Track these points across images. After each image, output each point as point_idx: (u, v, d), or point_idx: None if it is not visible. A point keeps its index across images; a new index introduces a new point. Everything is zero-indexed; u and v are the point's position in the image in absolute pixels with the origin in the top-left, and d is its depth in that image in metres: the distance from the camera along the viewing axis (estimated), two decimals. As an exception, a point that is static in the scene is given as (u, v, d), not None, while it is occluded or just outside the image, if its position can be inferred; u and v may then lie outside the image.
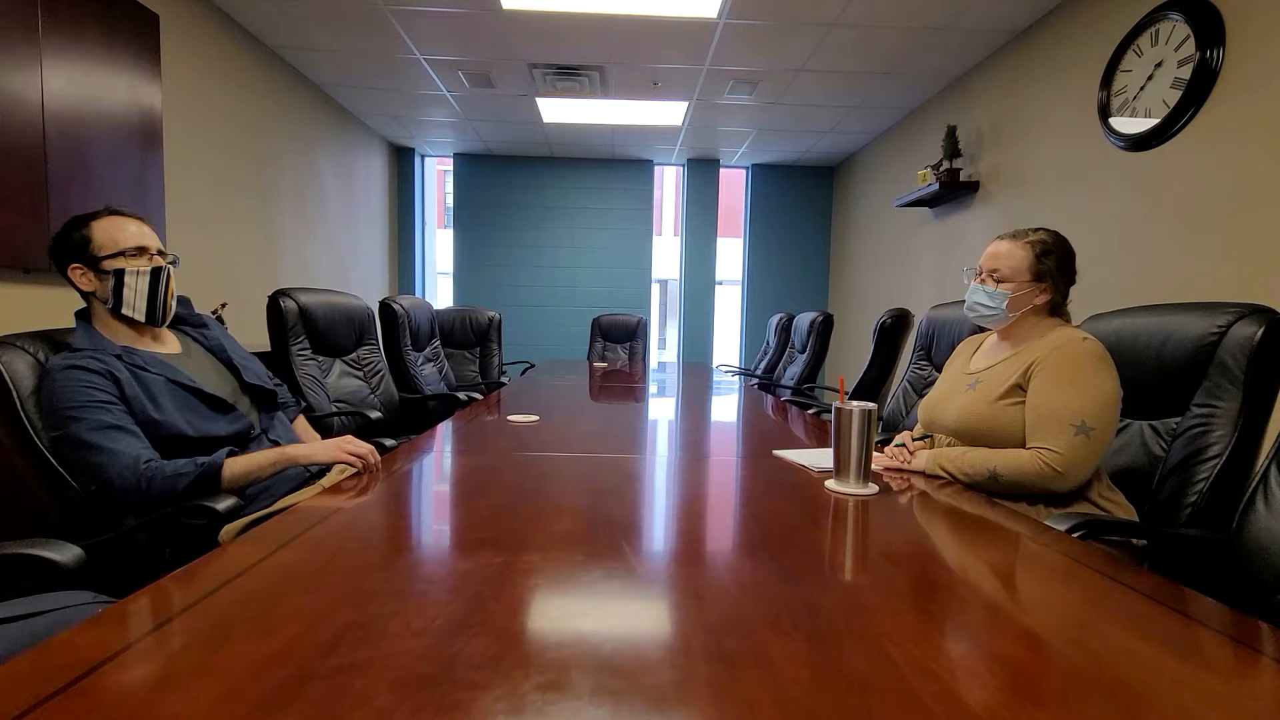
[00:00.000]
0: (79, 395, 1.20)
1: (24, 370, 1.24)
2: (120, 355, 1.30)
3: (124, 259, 1.33)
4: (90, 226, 1.32)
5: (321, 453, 1.31)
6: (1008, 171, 3.60)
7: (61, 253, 1.32)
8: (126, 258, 1.33)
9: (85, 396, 1.21)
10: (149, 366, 1.33)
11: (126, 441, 1.21)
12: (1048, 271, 1.40)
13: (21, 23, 2.23)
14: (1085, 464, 1.26)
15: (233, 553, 0.83)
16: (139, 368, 1.31)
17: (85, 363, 1.24)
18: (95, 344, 1.30)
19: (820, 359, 4.05)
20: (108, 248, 1.32)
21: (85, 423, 1.19)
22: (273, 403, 1.57)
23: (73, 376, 1.22)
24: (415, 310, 3.33)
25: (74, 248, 1.31)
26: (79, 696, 0.51)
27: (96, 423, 1.20)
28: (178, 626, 0.63)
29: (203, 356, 1.50)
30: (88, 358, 1.25)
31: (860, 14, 3.26)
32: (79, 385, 1.21)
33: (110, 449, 1.19)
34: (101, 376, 1.24)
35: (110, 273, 1.31)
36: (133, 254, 1.34)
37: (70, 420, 1.19)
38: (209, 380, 1.43)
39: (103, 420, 1.20)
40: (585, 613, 0.70)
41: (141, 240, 1.36)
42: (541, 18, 3.38)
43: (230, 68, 3.53)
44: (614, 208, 6.29)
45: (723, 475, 1.39)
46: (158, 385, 1.32)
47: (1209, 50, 2.34)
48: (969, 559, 0.92)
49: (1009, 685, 0.56)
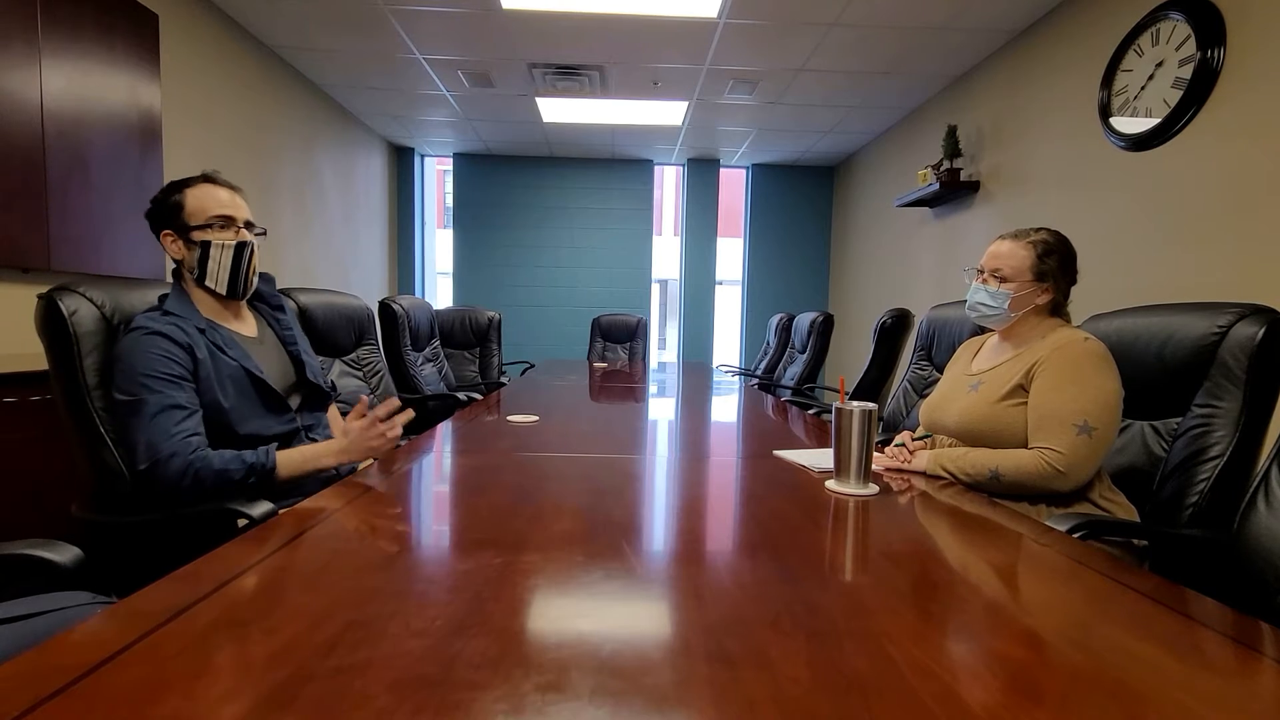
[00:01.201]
0: (158, 364, 1.19)
1: (89, 325, 1.21)
2: (204, 330, 1.30)
3: (211, 231, 1.33)
4: (184, 193, 1.34)
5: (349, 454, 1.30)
6: (1008, 171, 3.60)
7: (156, 217, 1.34)
8: (214, 230, 1.33)
9: (163, 367, 1.20)
10: (227, 348, 1.33)
11: (185, 424, 1.20)
12: (1049, 271, 1.40)
13: (21, 23, 2.23)
14: (1087, 464, 1.26)
15: (233, 553, 0.83)
16: (218, 348, 1.31)
17: (171, 331, 1.23)
18: (185, 312, 1.30)
19: (820, 359, 4.05)
20: (197, 217, 1.33)
21: (158, 395, 1.18)
22: (324, 403, 1.57)
23: (157, 344, 1.21)
24: (415, 310, 3.33)
25: (168, 213, 1.33)
26: (79, 696, 0.51)
27: (167, 400, 1.19)
28: (177, 627, 0.63)
29: (274, 345, 1.50)
30: (174, 325, 1.24)
31: (860, 14, 3.26)
32: (160, 354, 1.20)
33: (169, 431, 1.18)
34: (182, 349, 1.23)
35: (197, 244, 1.32)
36: (220, 225, 1.34)
37: (143, 389, 1.18)
38: (274, 373, 1.42)
39: (174, 398, 1.20)
40: (585, 613, 0.70)
41: (230, 210, 1.36)
42: (541, 17, 3.38)
43: (230, 67, 3.53)
44: (614, 208, 6.29)
45: (723, 475, 1.39)
46: (229, 370, 1.32)
47: (1210, 50, 2.34)
48: (969, 559, 0.92)
49: (1009, 685, 0.56)
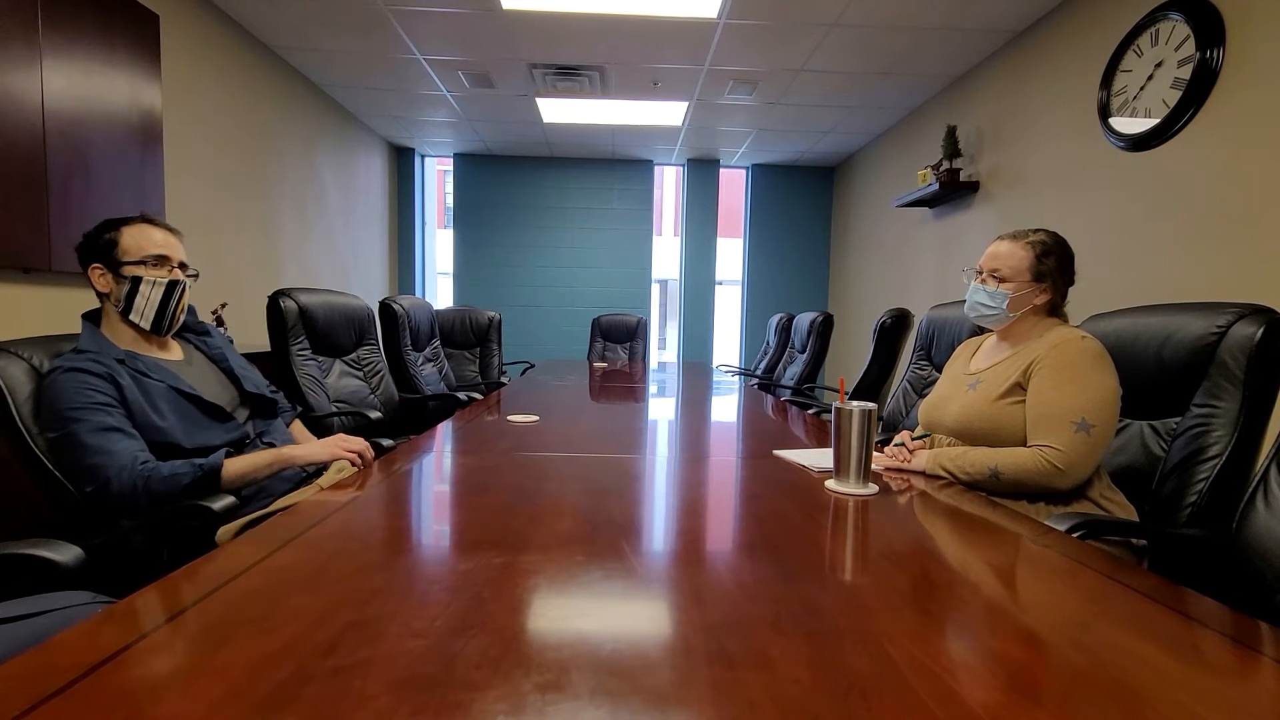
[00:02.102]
0: (79, 397, 1.21)
1: (20, 377, 1.24)
2: (123, 360, 1.31)
3: (145, 268, 1.35)
4: (121, 231, 1.36)
5: (318, 451, 1.32)
6: (1008, 171, 3.60)
7: (87, 251, 1.35)
8: (147, 267, 1.36)
9: (85, 399, 1.21)
10: (151, 373, 1.34)
11: (124, 443, 1.22)
12: (1048, 272, 1.40)
13: (21, 23, 2.23)
14: (1086, 461, 1.26)
15: (232, 553, 0.83)
16: (141, 374, 1.32)
17: (87, 365, 1.25)
18: (99, 347, 1.31)
19: (820, 359, 4.05)
20: (132, 254, 1.35)
21: (85, 424, 1.20)
22: (272, 410, 1.58)
23: (74, 379, 1.22)
24: (415, 310, 3.33)
25: (100, 248, 1.34)
26: (79, 696, 0.51)
27: (96, 424, 1.20)
28: (177, 627, 0.63)
29: (204, 364, 1.51)
30: (89, 360, 1.26)
31: (860, 14, 3.26)
32: (80, 387, 1.22)
33: (109, 450, 1.19)
34: (102, 379, 1.25)
35: (128, 278, 1.34)
36: (154, 264, 1.36)
37: (70, 421, 1.19)
38: (209, 389, 1.44)
39: (103, 422, 1.21)
40: (585, 613, 0.70)
41: (166, 250, 1.39)
42: (541, 18, 3.38)
43: (230, 68, 3.53)
44: (614, 208, 6.29)
45: (723, 475, 1.39)
46: (159, 391, 1.32)
47: (1209, 50, 2.34)
48: (969, 559, 0.92)
49: (1009, 685, 0.56)
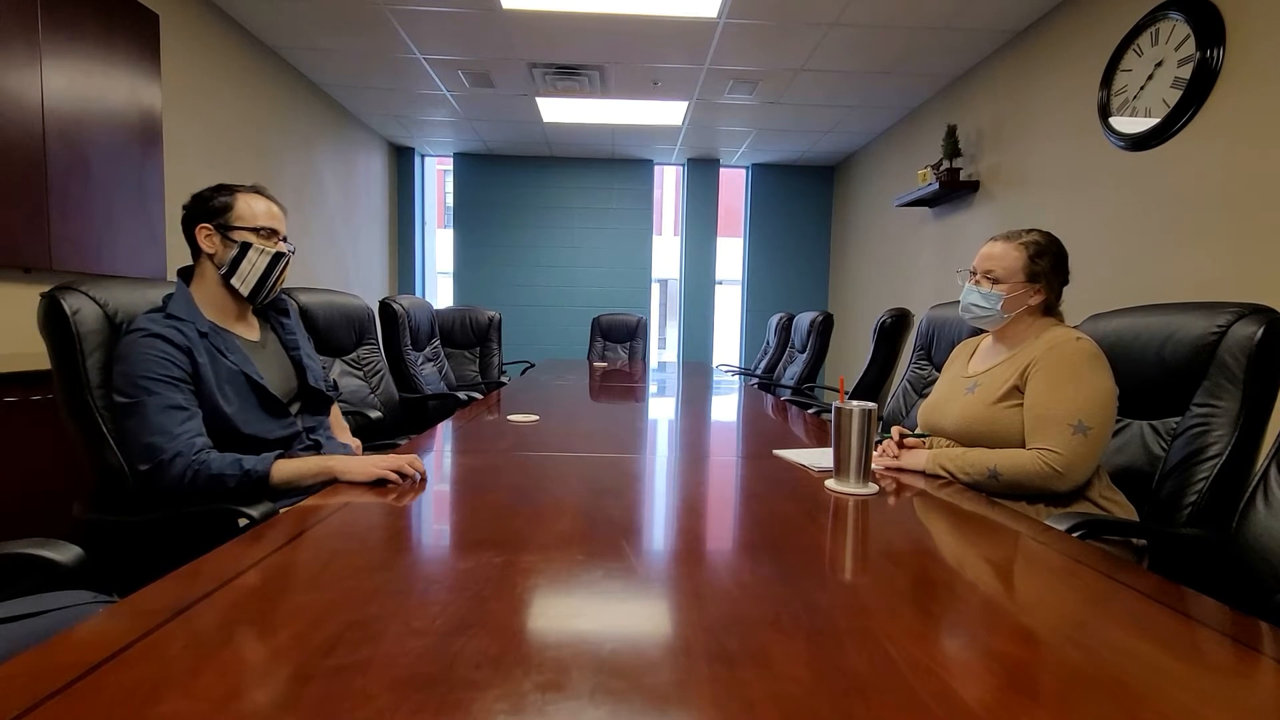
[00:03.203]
0: (157, 367, 1.20)
1: (92, 323, 1.22)
2: (206, 334, 1.31)
3: (255, 235, 1.37)
4: (236, 195, 1.38)
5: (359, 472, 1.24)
6: (1008, 171, 3.60)
7: (197, 212, 1.36)
8: (257, 235, 1.37)
9: (163, 369, 1.20)
10: (228, 352, 1.34)
11: (187, 425, 1.21)
12: (1041, 272, 1.40)
13: (21, 23, 2.23)
14: (1085, 463, 1.26)
15: (233, 552, 0.83)
16: (219, 352, 1.32)
17: (171, 334, 1.24)
18: (189, 314, 1.30)
19: (820, 359, 4.05)
20: (245, 219, 1.37)
21: (157, 398, 1.19)
22: (325, 407, 1.57)
23: (156, 346, 1.21)
24: (415, 310, 3.33)
25: (214, 210, 1.35)
26: (80, 696, 0.51)
27: (166, 400, 1.20)
28: (178, 626, 0.63)
29: (276, 349, 1.51)
30: (174, 328, 1.25)
31: (860, 14, 3.26)
32: (160, 357, 1.21)
33: (170, 431, 1.18)
34: (181, 352, 1.24)
35: (237, 243, 1.35)
36: (264, 234, 1.38)
37: (144, 391, 1.19)
38: (275, 377, 1.43)
39: (172, 399, 1.20)
40: (585, 612, 0.70)
41: (274, 223, 1.40)
42: (541, 17, 3.38)
43: (230, 67, 3.53)
44: (614, 207, 6.29)
45: (723, 475, 1.39)
46: (230, 374, 1.32)
47: (1209, 50, 2.34)
48: (969, 558, 0.92)
49: (1008, 684, 0.56)
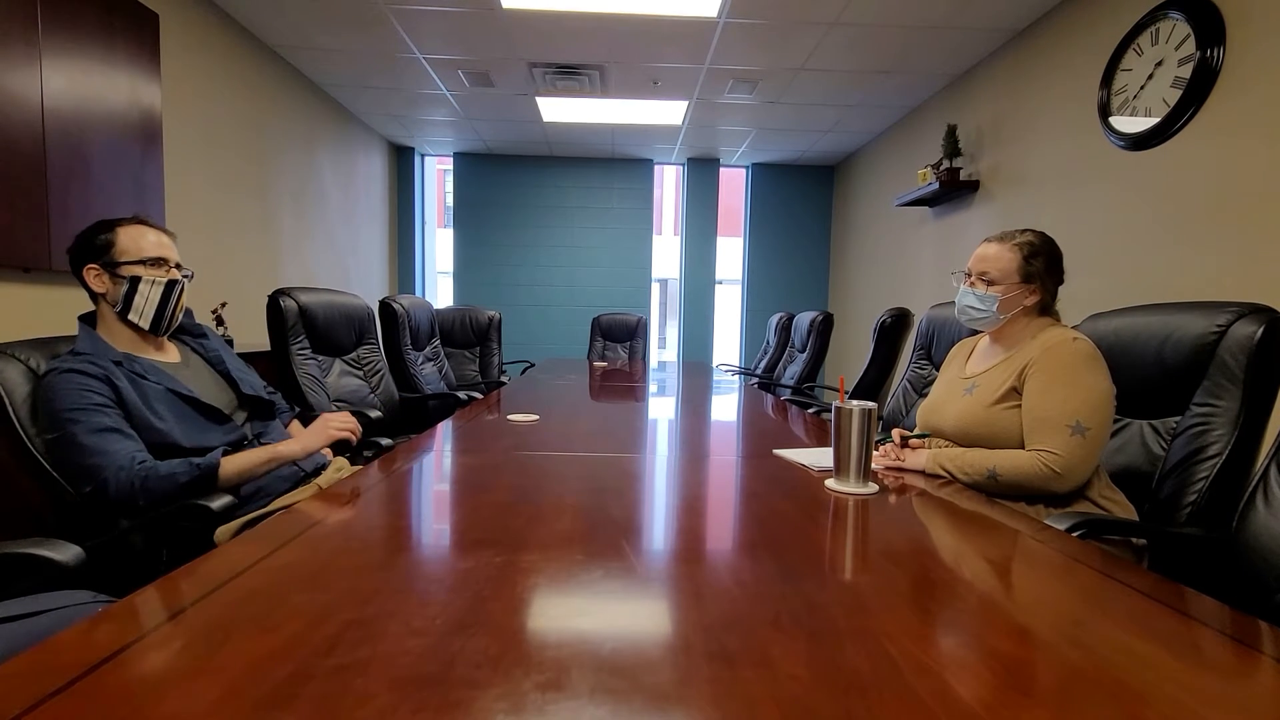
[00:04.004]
0: (77, 398, 1.21)
1: (17, 379, 1.25)
2: (120, 362, 1.31)
3: (142, 267, 1.36)
4: (116, 231, 1.36)
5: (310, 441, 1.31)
6: (1008, 170, 3.60)
7: (82, 252, 1.35)
8: (145, 266, 1.36)
9: (83, 399, 1.21)
10: (148, 375, 1.34)
11: (122, 444, 1.22)
12: (1036, 273, 1.40)
13: (21, 23, 2.23)
14: (1084, 464, 1.26)
15: (232, 552, 0.83)
16: (138, 375, 1.32)
17: (84, 367, 1.25)
18: (96, 349, 1.31)
19: (820, 358, 4.05)
20: (129, 254, 1.35)
21: (82, 425, 1.20)
22: (269, 412, 1.58)
23: (71, 380, 1.22)
24: (415, 310, 3.33)
25: (96, 249, 1.34)
26: (79, 696, 0.51)
27: (93, 425, 1.20)
28: (177, 626, 0.63)
29: (201, 367, 1.51)
30: (86, 362, 1.26)
31: (860, 13, 3.26)
32: (77, 388, 1.22)
33: (106, 450, 1.19)
34: (99, 381, 1.25)
35: (126, 278, 1.34)
36: (152, 264, 1.37)
37: (68, 422, 1.19)
38: (207, 391, 1.44)
39: (100, 423, 1.21)
40: (585, 612, 0.70)
41: (162, 251, 1.39)
42: (541, 17, 3.37)
43: (230, 67, 3.53)
44: (614, 207, 6.29)
45: (723, 475, 1.39)
46: (156, 394, 1.33)
47: (1209, 49, 2.34)
48: (968, 558, 0.92)
49: (1008, 683, 0.56)
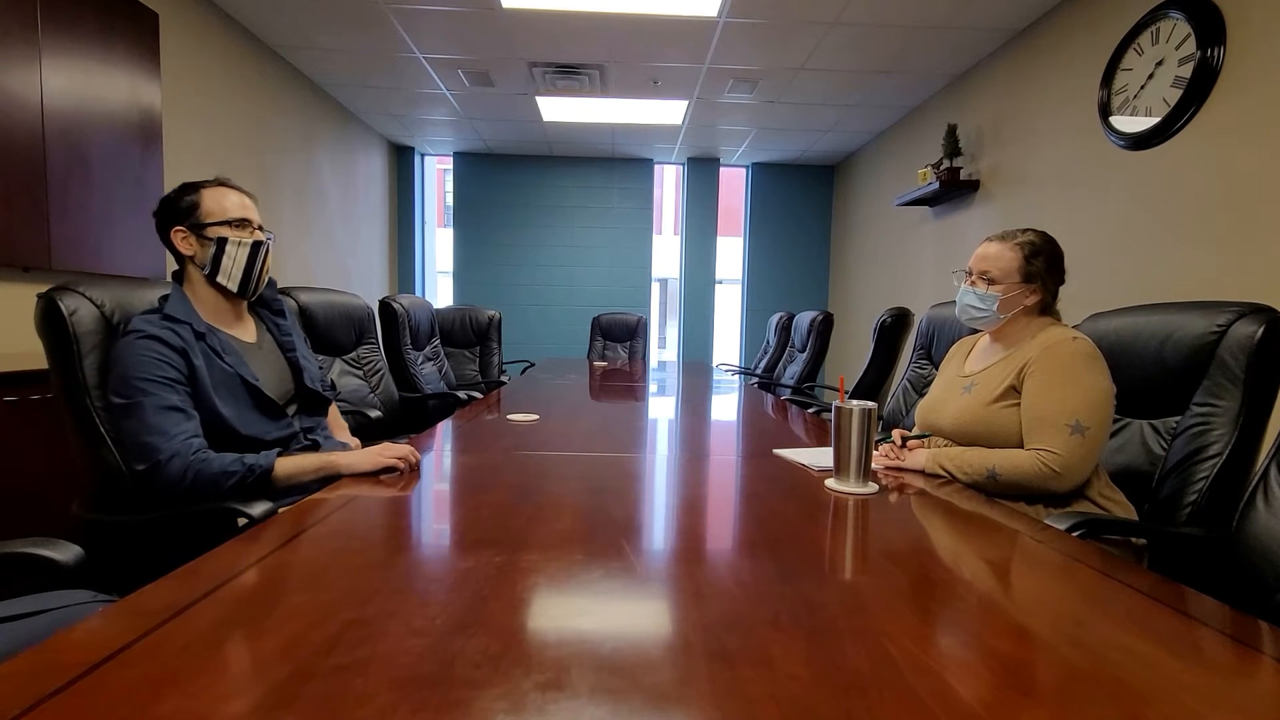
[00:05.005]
0: (153, 369, 1.20)
1: (88, 323, 1.22)
2: (203, 335, 1.30)
3: (229, 228, 1.35)
4: (201, 193, 1.35)
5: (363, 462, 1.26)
6: (1008, 170, 3.60)
7: (168, 215, 1.34)
8: (231, 227, 1.35)
9: (159, 371, 1.20)
10: (224, 354, 1.33)
11: (183, 426, 1.21)
12: (1037, 272, 1.40)
13: (21, 22, 2.23)
14: (1083, 464, 1.26)
15: (233, 552, 0.83)
16: (215, 354, 1.31)
17: (167, 336, 1.23)
18: (187, 315, 1.30)
19: (820, 358, 4.05)
20: (215, 215, 1.34)
21: (154, 398, 1.19)
22: (323, 407, 1.57)
23: (152, 348, 1.21)
24: (415, 309, 3.33)
25: (182, 211, 1.34)
26: (79, 695, 0.51)
27: (163, 401, 1.19)
28: (177, 626, 0.63)
29: (273, 350, 1.50)
30: (170, 330, 1.25)
31: (860, 13, 3.26)
32: (155, 358, 1.21)
33: (167, 431, 1.18)
34: (178, 354, 1.23)
35: (213, 240, 1.33)
36: (237, 225, 1.36)
37: (139, 392, 1.18)
38: (271, 379, 1.43)
39: (169, 400, 1.20)
40: (585, 612, 0.70)
41: (246, 212, 1.38)
42: (541, 16, 3.37)
43: (230, 66, 3.52)
44: (614, 206, 6.29)
45: (723, 474, 1.39)
46: (225, 377, 1.32)
47: (1210, 49, 2.34)
48: (968, 557, 0.92)
49: (1008, 683, 0.56)
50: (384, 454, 1.26)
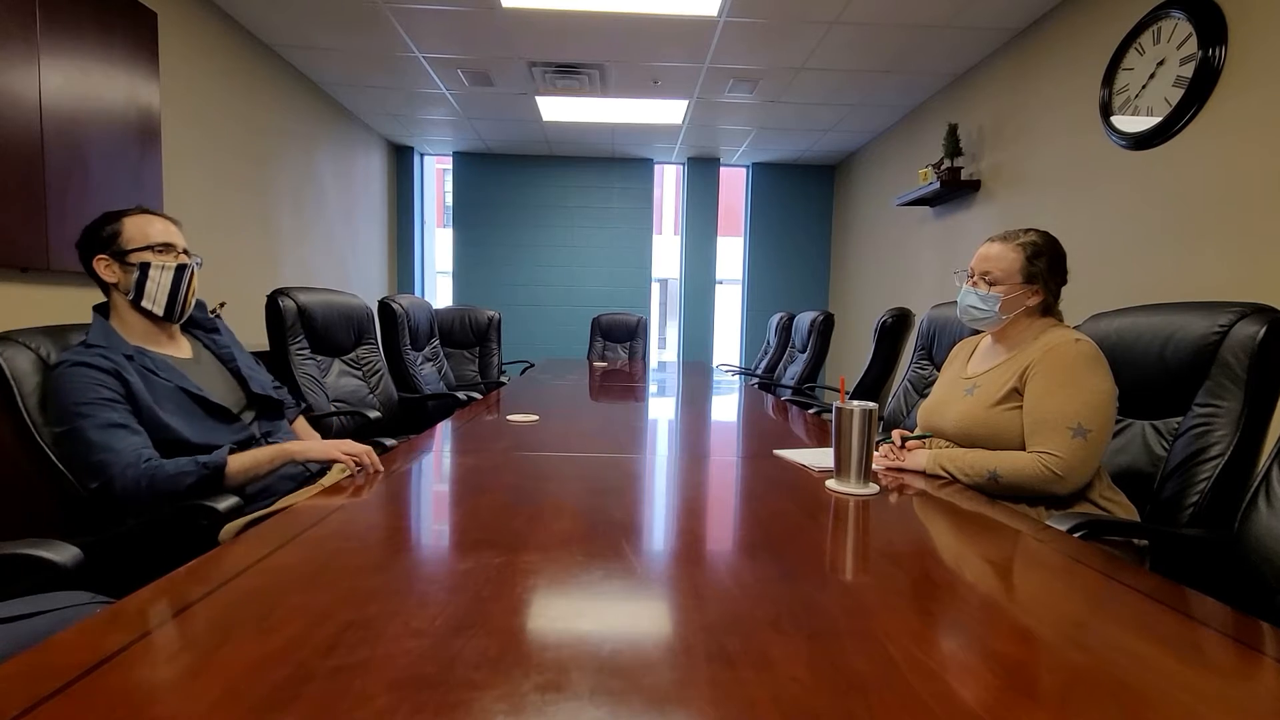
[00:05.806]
0: (87, 392, 1.21)
1: (26, 368, 1.24)
2: (132, 356, 1.31)
3: (151, 253, 1.36)
4: (122, 221, 1.37)
5: (318, 450, 1.32)
6: (1009, 170, 3.60)
7: (90, 244, 1.35)
8: (154, 253, 1.36)
9: (92, 394, 1.21)
10: (159, 371, 1.34)
11: (130, 440, 1.21)
12: (1039, 273, 1.40)
13: (19, 21, 2.23)
14: (1085, 466, 1.25)
15: (232, 552, 0.83)
16: (149, 371, 1.32)
17: (94, 360, 1.24)
18: (109, 341, 1.31)
19: (821, 358, 4.05)
20: (137, 241, 1.36)
21: (91, 420, 1.19)
22: (278, 411, 1.58)
23: (81, 373, 1.22)
24: (414, 309, 3.33)
25: (104, 240, 1.35)
26: (78, 696, 0.51)
27: (102, 420, 1.20)
28: (177, 626, 0.63)
29: (211, 364, 1.51)
30: (97, 355, 1.26)
31: (861, 12, 3.25)
32: (87, 382, 1.22)
33: (114, 447, 1.19)
34: (109, 375, 1.24)
35: (136, 265, 1.34)
36: (160, 249, 1.37)
37: (76, 417, 1.19)
38: (216, 389, 1.44)
39: (108, 418, 1.21)
40: (585, 613, 0.70)
41: (169, 238, 1.40)
42: (541, 16, 3.37)
43: (229, 66, 3.52)
44: (614, 206, 6.29)
45: (723, 475, 1.39)
46: (166, 391, 1.33)
47: (1211, 48, 2.34)
48: (969, 558, 0.91)
49: (1009, 685, 0.56)
50: (340, 447, 1.30)
